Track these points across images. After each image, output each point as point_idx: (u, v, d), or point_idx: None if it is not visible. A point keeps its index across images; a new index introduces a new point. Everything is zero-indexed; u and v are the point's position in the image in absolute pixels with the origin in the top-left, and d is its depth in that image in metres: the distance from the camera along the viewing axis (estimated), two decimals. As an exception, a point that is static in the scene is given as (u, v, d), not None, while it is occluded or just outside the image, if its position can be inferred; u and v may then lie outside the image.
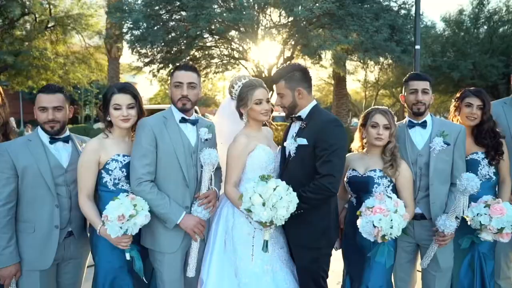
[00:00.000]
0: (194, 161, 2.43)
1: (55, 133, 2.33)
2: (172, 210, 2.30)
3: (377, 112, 2.58)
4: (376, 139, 2.52)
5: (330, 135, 2.35)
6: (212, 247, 2.52)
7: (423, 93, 2.64)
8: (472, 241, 2.64)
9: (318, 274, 2.44)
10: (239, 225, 2.50)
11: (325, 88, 34.87)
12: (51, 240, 2.29)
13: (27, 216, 2.28)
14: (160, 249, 2.37)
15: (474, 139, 2.78)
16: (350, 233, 2.58)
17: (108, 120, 2.38)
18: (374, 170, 2.54)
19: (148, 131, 2.30)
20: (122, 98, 2.31)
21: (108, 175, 2.32)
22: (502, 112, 2.93)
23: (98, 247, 2.34)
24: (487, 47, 19.36)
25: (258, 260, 2.47)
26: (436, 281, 2.64)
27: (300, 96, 2.47)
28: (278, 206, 2.02)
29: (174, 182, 2.36)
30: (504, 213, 2.37)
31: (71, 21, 16.85)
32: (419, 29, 9.46)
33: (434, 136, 2.61)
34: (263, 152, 2.53)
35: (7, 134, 2.47)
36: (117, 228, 2.05)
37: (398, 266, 2.74)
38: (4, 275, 2.21)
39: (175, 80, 2.41)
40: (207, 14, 8.66)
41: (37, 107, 2.30)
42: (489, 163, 2.75)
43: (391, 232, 2.16)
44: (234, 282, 2.48)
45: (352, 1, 9.52)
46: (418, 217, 2.64)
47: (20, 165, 2.23)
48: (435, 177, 2.58)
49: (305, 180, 2.33)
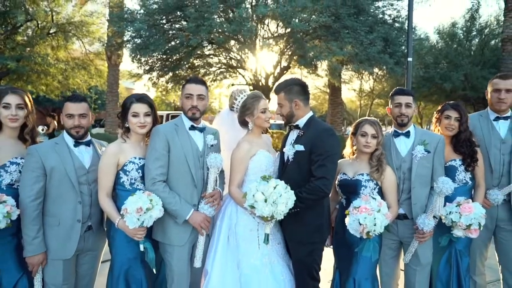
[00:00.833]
0: (201, 164, 2.72)
1: (80, 137, 2.62)
2: (182, 207, 2.58)
3: (366, 122, 2.89)
4: (365, 146, 2.83)
5: (325, 143, 2.66)
6: (216, 242, 2.80)
7: (406, 106, 2.95)
8: (450, 239, 2.93)
9: (311, 266, 2.73)
10: (241, 222, 2.79)
11: (321, 97, 35.28)
12: (74, 233, 2.57)
13: (53, 211, 2.55)
14: (170, 242, 2.64)
15: (453, 148, 3.08)
16: (340, 231, 2.87)
17: (126, 126, 2.67)
18: (362, 174, 2.84)
19: (162, 137, 2.60)
20: (140, 107, 2.61)
21: (125, 176, 2.60)
22: (478, 124, 3.24)
23: (115, 240, 2.62)
24: (478, 59, 19.85)
25: (257, 253, 2.76)
26: (416, 275, 2.92)
27: (297, 107, 2.78)
28: (278, 202, 2.32)
29: (184, 182, 2.65)
30: (472, 212, 2.67)
31: (73, 28, 17.10)
32: (412, 42, 9.84)
33: (416, 145, 2.92)
34: (264, 157, 2.84)
35: (33, 138, 2.74)
36: (135, 220, 2.33)
37: (383, 262, 3.03)
38: (33, 262, 2.48)
39: (186, 92, 2.71)
40: (208, 25, 8.99)
41: (65, 114, 2.59)
42: (466, 169, 3.04)
43: (374, 229, 2.45)
44: (236, 273, 2.75)
45: (347, 14, 9.89)
46: (401, 217, 2.93)
47: (48, 165, 2.50)
48: (417, 181, 2.88)
49: (301, 182, 2.62)
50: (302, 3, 8.92)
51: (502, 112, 3.19)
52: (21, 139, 2.69)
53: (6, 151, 2.56)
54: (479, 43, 20.66)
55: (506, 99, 3.16)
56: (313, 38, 11.08)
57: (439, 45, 21.48)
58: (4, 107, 2.54)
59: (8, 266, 2.53)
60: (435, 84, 18.74)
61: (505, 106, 3.19)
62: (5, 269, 2.52)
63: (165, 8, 10.48)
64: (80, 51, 18.97)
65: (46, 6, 15.84)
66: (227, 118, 3.13)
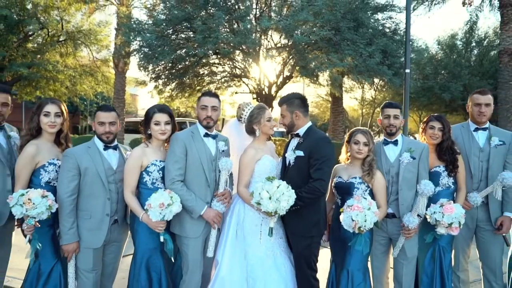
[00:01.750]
0: (214, 167, 3.10)
1: (109, 142, 3.01)
2: (197, 204, 2.96)
3: (359, 132, 3.26)
4: (357, 153, 3.20)
5: (321, 149, 3.04)
6: (226, 235, 3.18)
7: (394, 118, 3.33)
8: (434, 236, 3.28)
9: (310, 257, 3.10)
10: (248, 218, 3.16)
11: (323, 105, 35.71)
12: (103, 225, 2.94)
13: (85, 206, 2.92)
14: (186, 234, 3.02)
15: (437, 155, 3.44)
16: (336, 228, 3.23)
17: (148, 133, 3.06)
18: (355, 177, 3.21)
19: (181, 143, 2.98)
20: (161, 116, 3.00)
21: (148, 176, 2.98)
22: (460, 134, 3.61)
23: (138, 232, 2.99)
24: (477, 70, 20.27)
25: (262, 246, 3.13)
26: (404, 268, 3.27)
27: (297, 117, 3.18)
28: (281, 200, 2.70)
29: (199, 183, 3.03)
30: (453, 212, 3.03)
31: (81, 36, 17.59)
32: (409, 54, 10.24)
33: (403, 152, 3.28)
34: (268, 161, 3.23)
35: (67, 141, 3.14)
36: (157, 214, 2.71)
37: (374, 257, 3.39)
38: (68, 249, 2.85)
39: (201, 103, 3.11)
40: (214, 38, 9.44)
41: (96, 122, 2.98)
42: (448, 174, 3.39)
43: (365, 224, 2.82)
44: (243, 263, 3.12)
45: (347, 27, 10.32)
46: (390, 216, 3.29)
47: (82, 166, 2.89)
48: (403, 184, 3.24)
49: (301, 183, 3.00)
50: (304, 17, 9.37)
51: (481, 124, 3.57)
52: (57, 143, 3.09)
53: (45, 153, 2.95)
54: (478, 54, 21.10)
55: (486, 112, 3.54)
56: (314, 49, 11.52)
57: (438, 56, 21.94)
58: (45, 115, 2.93)
59: (46, 253, 2.91)
60: (434, 94, 19.15)
61: (484, 119, 3.56)
62: (43, 255, 2.90)
63: (172, 19, 10.93)
64: (87, 58, 19.51)
65: (57, 15, 16.37)
66: (236, 128, 3.53)
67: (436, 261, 3.36)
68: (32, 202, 2.62)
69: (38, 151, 2.90)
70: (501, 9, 14.39)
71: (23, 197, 2.63)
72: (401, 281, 3.28)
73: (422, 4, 16.56)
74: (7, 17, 12.91)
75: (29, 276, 2.98)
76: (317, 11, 9.76)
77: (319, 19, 9.77)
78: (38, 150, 2.91)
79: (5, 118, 3.12)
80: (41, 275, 2.92)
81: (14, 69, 14.15)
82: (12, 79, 15.73)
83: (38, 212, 2.64)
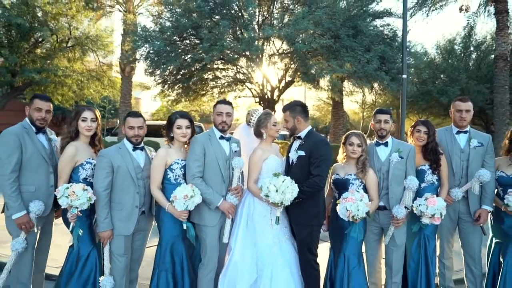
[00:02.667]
0: (228, 165, 3.58)
1: (137, 144, 3.49)
2: (215, 197, 3.44)
3: (353, 135, 3.73)
4: (352, 153, 3.67)
5: (320, 150, 3.52)
6: (238, 225, 3.65)
7: (385, 122, 3.80)
8: (420, 226, 3.74)
9: (311, 244, 3.56)
10: (257, 210, 3.63)
11: (324, 108, 36.22)
12: (133, 216, 3.41)
13: (117, 199, 3.39)
14: (204, 223, 3.49)
15: (423, 155, 3.90)
16: (334, 218, 3.70)
17: (171, 136, 3.54)
18: (350, 174, 3.68)
19: (200, 144, 3.46)
20: (182, 121, 3.48)
21: (171, 173, 3.46)
22: (443, 137, 4.08)
23: (163, 221, 3.46)
24: (475, 74, 20.71)
25: (269, 234, 3.60)
26: (394, 253, 3.73)
27: (298, 122, 3.66)
28: (286, 192, 3.17)
29: (215, 179, 3.51)
30: (436, 204, 3.49)
31: (89, 41, 18.10)
32: (406, 61, 10.74)
33: (393, 152, 3.75)
34: (273, 160, 3.70)
35: (100, 143, 3.62)
36: (182, 204, 3.18)
37: (367, 244, 3.86)
38: (104, 236, 3.32)
39: (217, 110, 3.59)
40: (220, 45, 9.94)
41: (126, 126, 3.46)
42: (433, 172, 3.85)
43: (357, 213, 3.28)
44: (253, 249, 3.59)
45: (346, 35, 10.82)
46: (382, 208, 3.75)
47: (115, 164, 3.36)
48: (393, 180, 3.71)
49: (303, 179, 3.46)
50: (305, 26, 9.87)
51: (462, 127, 4.04)
52: (91, 144, 3.57)
53: (83, 153, 3.43)
54: (476, 59, 21.53)
55: (466, 117, 4.01)
56: (314, 56, 12.02)
57: (437, 60, 22.38)
58: (83, 120, 3.42)
59: (84, 239, 3.39)
60: (433, 98, 19.59)
61: (465, 123, 4.03)
62: (82, 241, 3.38)
63: (179, 26, 11.44)
64: (94, 63, 20.04)
65: (66, 22, 16.91)
66: (245, 131, 4.01)
67: (422, 248, 3.81)
68: (76, 194, 3.10)
69: (77, 152, 3.39)
70: (497, 16, 14.92)
71: (68, 190, 3.12)
72: (391, 265, 3.74)
73: (420, 10, 17.06)
74: (20, 25, 13.44)
75: (69, 259, 3.46)
76: (318, 20, 10.26)
77: (319, 27, 10.26)
78: (77, 150, 3.39)
79: (48, 123, 3.60)
80: (80, 259, 3.40)
81: (26, 75, 14.66)
82: (23, 84, 16.26)
83: (81, 202, 3.12)
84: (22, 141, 3.34)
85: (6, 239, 5.48)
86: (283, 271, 3.54)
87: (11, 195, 3.24)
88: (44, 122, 3.53)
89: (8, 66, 14.42)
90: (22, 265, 3.37)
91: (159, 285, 3.45)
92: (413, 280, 3.79)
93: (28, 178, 3.37)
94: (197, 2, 10.64)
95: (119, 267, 3.40)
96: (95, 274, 3.42)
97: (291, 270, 3.58)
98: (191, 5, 11.42)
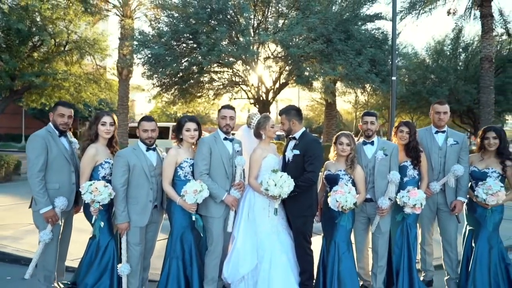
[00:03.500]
0: (231, 163, 4.01)
1: (150, 145, 3.91)
2: (220, 191, 3.87)
3: (343, 135, 4.18)
4: (342, 151, 4.11)
5: (313, 149, 3.97)
6: (240, 216, 4.08)
7: (371, 123, 4.25)
8: (403, 216, 4.20)
9: (305, 232, 4.01)
10: (257, 203, 4.06)
11: (318, 108, 36.76)
12: (147, 209, 3.82)
13: (133, 194, 3.80)
14: (211, 215, 3.92)
15: (405, 153, 4.35)
16: (326, 210, 4.13)
17: (180, 137, 3.96)
18: (340, 170, 4.12)
19: (207, 144, 3.89)
20: (191, 124, 3.90)
21: (181, 170, 3.88)
22: (424, 136, 4.54)
23: (174, 214, 3.89)
24: (463, 75, 21.36)
25: (268, 224, 4.03)
26: (379, 240, 4.18)
27: (293, 124, 4.10)
28: (283, 186, 3.61)
29: (220, 175, 3.94)
30: (417, 195, 3.94)
31: (86, 45, 18.36)
32: (395, 63, 11.23)
33: (378, 150, 4.21)
34: (271, 158, 4.14)
35: (117, 145, 4.03)
36: (192, 197, 3.61)
37: (356, 233, 4.31)
38: (121, 227, 3.73)
39: (222, 114, 4.03)
40: (218, 50, 10.37)
41: (141, 130, 3.88)
42: (414, 167, 4.31)
43: (346, 204, 3.72)
44: (254, 238, 4.02)
45: (338, 39, 11.30)
46: (368, 200, 4.19)
47: (131, 163, 3.77)
48: (378, 175, 4.15)
49: (298, 175, 3.89)
50: (298, 32, 10.33)
51: (440, 127, 4.50)
52: (108, 146, 3.98)
53: (102, 154, 3.85)
54: (464, 60, 22.19)
55: (444, 118, 4.48)
56: (308, 59, 12.50)
57: (427, 61, 23.01)
58: (102, 124, 3.83)
59: (103, 231, 3.81)
60: (423, 98, 20.20)
61: (443, 123, 4.50)
62: (102, 232, 3.79)
63: (178, 31, 11.83)
64: (91, 66, 20.31)
65: (64, 26, 17.18)
66: (246, 133, 4.45)
67: (404, 235, 4.27)
68: (98, 190, 3.52)
69: (97, 152, 3.81)
70: (482, 19, 15.51)
71: (91, 186, 3.53)
72: (377, 250, 4.20)
73: (410, 13, 17.60)
74: (21, 30, 13.73)
75: (89, 249, 3.87)
76: (311, 26, 10.73)
77: (312, 32, 10.73)
78: (97, 151, 3.81)
79: (69, 127, 4.00)
80: (100, 248, 3.82)
81: (26, 78, 14.93)
82: (22, 87, 16.53)
83: (102, 197, 3.54)
84: (48, 144, 3.75)
85: (20, 236, 5.92)
86: (281, 256, 3.97)
87: (39, 192, 3.65)
88: (66, 127, 3.94)
89: (8, 70, 14.68)
90: (48, 254, 3.77)
91: (170, 271, 3.87)
92: (397, 264, 4.25)
93: (53, 176, 3.77)
94: (195, 9, 11.06)
95: (134, 255, 3.81)
96: (113, 262, 3.84)
97: (288, 256, 4.02)
98: (188, 11, 11.83)
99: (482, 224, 4.17)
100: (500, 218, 4.19)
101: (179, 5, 12.57)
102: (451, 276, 4.47)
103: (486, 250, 4.14)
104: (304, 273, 4.03)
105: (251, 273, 3.96)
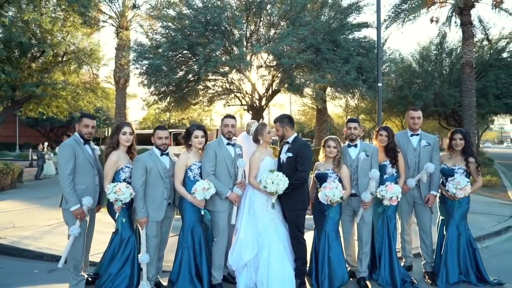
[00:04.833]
0: (233, 165, 4.62)
1: (164, 150, 4.50)
2: (224, 189, 4.47)
3: (330, 139, 4.82)
4: (329, 153, 4.75)
5: (304, 152, 4.60)
6: (242, 211, 4.68)
7: (354, 129, 4.90)
8: (383, 208, 4.85)
9: (299, 224, 4.63)
10: (257, 200, 4.67)
11: (309, 113, 37.51)
12: (162, 206, 4.41)
13: (150, 193, 4.38)
14: (217, 209, 4.52)
15: (384, 153, 5.00)
16: (317, 204, 4.77)
17: (189, 143, 4.57)
18: (329, 169, 4.76)
19: (212, 149, 4.50)
20: (199, 132, 4.51)
21: (191, 172, 4.48)
22: (401, 138, 5.19)
23: (185, 210, 4.47)
24: (448, 79, 22.26)
25: (267, 218, 4.64)
26: (363, 230, 4.81)
27: (286, 130, 4.74)
28: (280, 183, 4.24)
29: (224, 175, 4.54)
30: (393, 189, 4.59)
31: (83, 55, 18.84)
32: (381, 71, 11.97)
33: (360, 152, 4.85)
34: (268, 160, 4.77)
35: (135, 151, 4.63)
36: (201, 194, 4.21)
37: (343, 224, 4.94)
38: (141, 222, 4.31)
39: (224, 123, 4.65)
40: (214, 61, 11.01)
41: (156, 137, 4.47)
42: (392, 166, 4.96)
43: (333, 198, 4.37)
44: (254, 230, 4.62)
45: (327, 49, 12.01)
46: (353, 195, 4.82)
47: (148, 166, 4.36)
48: (361, 173, 4.79)
49: (291, 175, 4.50)
50: (289, 43, 11.01)
51: (415, 131, 5.16)
52: (127, 152, 4.57)
53: (123, 160, 4.44)
54: (448, 65, 23.11)
55: (418, 123, 5.14)
56: (298, 68, 13.20)
57: (413, 66, 23.90)
58: (123, 134, 4.43)
59: (125, 226, 4.39)
60: (409, 102, 21.02)
61: (417, 127, 5.16)
62: (124, 228, 4.37)
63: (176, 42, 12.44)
64: (88, 75, 20.77)
65: (61, 37, 17.68)
66: (246, 138, 5.07)
67: (385, 225, 4.91)
68: (121, 191, 4.11)
69: (119, 158, 4.40)
70: (462, 27, 16.40)
71: (115, 187, 4.12)
72: (362, 239, 4.83)
73: (395, 22, 18.44)
74: (23, 43, 14.24)
75: (112, 243, 4.45)
76: (301, 37, 11.42)
77: (302, 44, 11.42)
78: (118, 157, 4.40)
79: (93, 136, 4.59)
80: (123, 241, 4.39)
81: (27, 89, 15.38)
82: (22, 98, 16.97)
83: (125, 197, 4.13)
84: (76, 151, 4.33)
85: (39, 236, 6.47)
86: (278, 245, 4.57)
87: (69, 192, 4.22)
88: (90, 136, 4.53)
89: (10, 81, 15.14)
90: (77, 246, 4.34)
91: (182, 259, 4.46)
92: (379, 250, 4.89)
93: (80, 179, 4.35)
94: (192, 24, 11.69)
95: (152, 246, 4.39)
96: (134, 253, 4.41)
97: (284, 245, 4.62)
98: (183, 23, 12.45)
99: (452, 214, 4.83)
100: (466, 209, 4.87)
101: (175, 17, 13.19)
102: (427, 260, 5.12)
103: (456, 236, 4.80)
104: (299, 260, 4.64)
105: (252, 260, 4.56)
